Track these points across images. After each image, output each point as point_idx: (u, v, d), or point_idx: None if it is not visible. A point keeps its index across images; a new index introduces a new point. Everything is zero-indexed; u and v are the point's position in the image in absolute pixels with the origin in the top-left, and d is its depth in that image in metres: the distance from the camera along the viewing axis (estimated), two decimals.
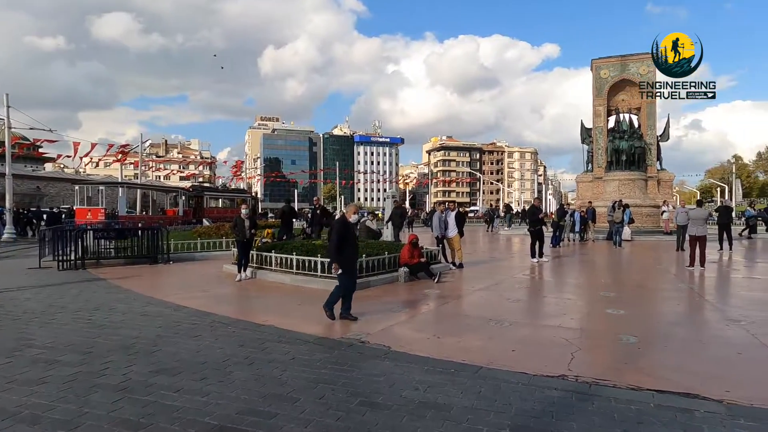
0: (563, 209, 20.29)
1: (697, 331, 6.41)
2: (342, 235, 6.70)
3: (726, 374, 4.67)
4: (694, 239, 11.72)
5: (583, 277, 11.61)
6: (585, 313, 7.32)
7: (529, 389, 4.26)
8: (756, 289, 9.40)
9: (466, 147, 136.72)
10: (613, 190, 26.20)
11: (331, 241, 6.91)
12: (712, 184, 73.51)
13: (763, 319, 6.86)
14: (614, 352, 5.42)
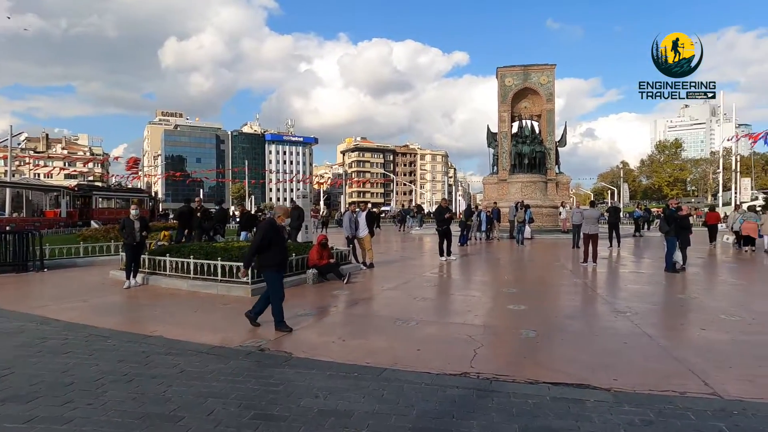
0: (470, 209, 21.19)
1: (589, 324, 6.85)
2: (269, 239, 6.29)
3: (614, 363, 5.00)
4: (588, 237, 12.72)
5: (488, 274, 12.10)
6: (488, 310, 7.56)
7: (431, 389, 4.22)
8: (640, 283, 10.38)
9: (380, 149, 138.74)
10: (517, 191, 27.88)
11: (253, 242, 6.50)
12: (604, 187, 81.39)
13: (646, 310, 7.53)
14: (514, 347, 5.60)
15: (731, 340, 5.92)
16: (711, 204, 40.54)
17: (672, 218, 11.55)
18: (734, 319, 6.99)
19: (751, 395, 4.17)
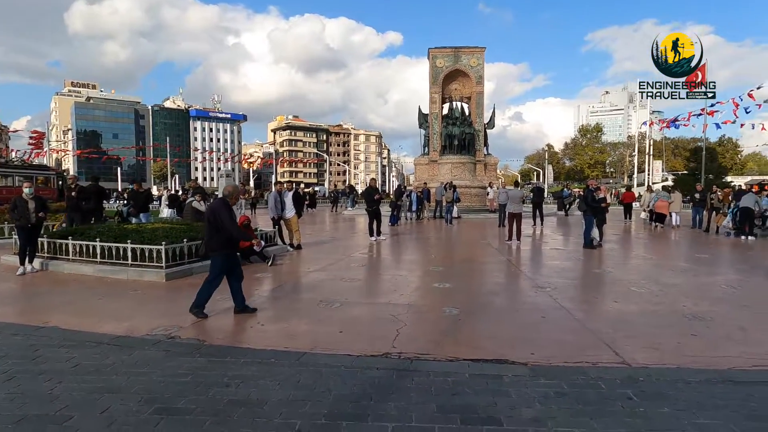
0: (401, 190, 21.31)
1: (511, 299, 7.05)
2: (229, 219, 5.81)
3: (532, 337, 5.13)
4: (512, 216, 13.16)
5: (416, 253, 12.20)
6: (414, 289, 7.57)
7: (351, 372, 4.09)
8: (560, 259, 10.88)
9: (313, 128, 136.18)
10: (447, 172, 28.41)
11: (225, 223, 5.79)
12: (530, 169, 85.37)
13: (564, 285, 7.87)
14: (437, 325, 5.61)
15: (640, 311, 6.31)
16: (627, 184, 43.66)
17: (589, 199, 12.20)
18: (643, 291, 7.47)
19: (656, 361, 4.43)
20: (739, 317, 6.21)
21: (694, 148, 44.78)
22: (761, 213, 15.43)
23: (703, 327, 5.58)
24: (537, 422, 3.24)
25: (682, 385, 3.90)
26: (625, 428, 3.17)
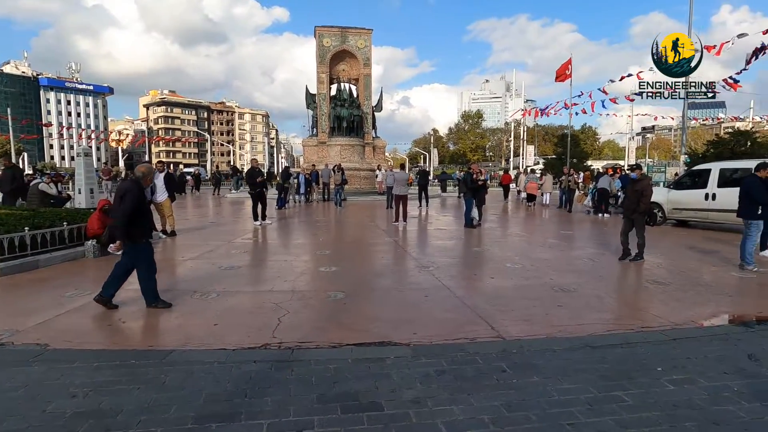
0: (288, 172, 20.72)
1: (396, 280, 7.14)
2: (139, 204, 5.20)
3: (415, 317, 5.22)
4: (398, 198, 13.45)
5: (303, 237, 11.94)
6: (299, 274, 7.34)
7: (225, 368, 3.79)
8: (442, 238, 11.34)
9: (193, 104, 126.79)
10: (336, 154, 28.26)
11: (124, 208, 5.11)
12: (417, 152, 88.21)
13: (446, 264, 8.18)
14: (322, 310, 5.47)
15: (514, 285, 6.76)
16: (505, 167, 47.19)
17: (469, 181, 12.92)
18: (517, 266, 8.04)
19: (527, 333, 4.74)
20: (597, 287, 6.94)
21: (561, 134, 49.73)
22: (614, 193, 17.60)
23: (567, 298, 6.13)
24: (417, 403, 3.25)
25: (550, 354, 4.21)
26: (499, 400, 3.31)
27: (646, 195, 8.36)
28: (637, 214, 8.39)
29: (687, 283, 6.98)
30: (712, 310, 5.68)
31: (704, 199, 12.46)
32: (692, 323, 5.15)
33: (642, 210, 8.36)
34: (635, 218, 8.42)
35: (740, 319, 5.35)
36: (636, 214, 8.40)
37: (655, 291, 6.56)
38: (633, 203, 8.45)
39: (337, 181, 20.20)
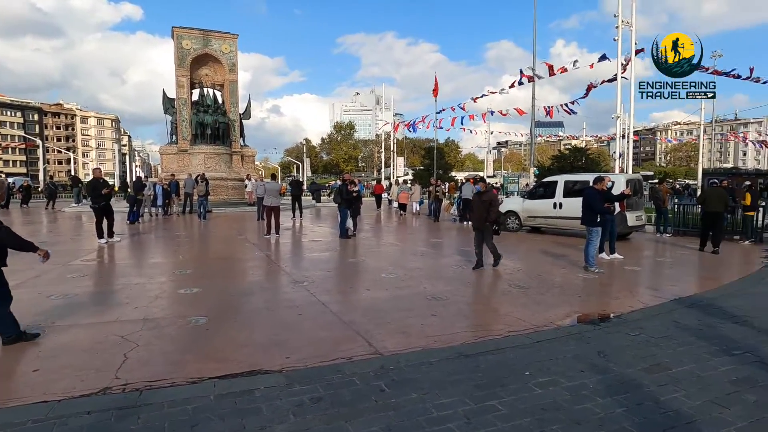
0: (141, 182, 18.76)
1: (267, 299, 6.70)
2: None
3: (287, 339, 4.88)
4: (270, 209, 12.89)
5: (160, 255, 10.80)
6: (153, 298, 6.50)
7: (45, 427, 3.09)
8: (317, 251, 11.08)
9: (17, 104, 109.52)
10: (200, 163, 26.46)
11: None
12: (290, 162, 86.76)
13: (321, 277, 7.93)
14: (180, 340, 4.86)
15: (390, 296, 6.76)
16: (377, 177, 48.49)
17: (344, 192, 12.89)
18: (392, 276, 8.09)
19: (405, 347, 4.69)
20: (466, 294, 7.25)
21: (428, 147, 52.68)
22: None
23: (440, 306, 6.28)
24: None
25: (427, 366, 4.19)
26: (378, 425, 3.15)
27: (494, 205, 8.76)
28: (486, 224, 8.67)
29: (543, 286, 7.61)
30: (567, 311, 6.22)
31: (553, 208, 13.93)
32: (552, 324, 5.57)
33: (491, 220, 8.68)
34: (485, 228, 8.69)
35: (588, 318, 5.93)
36: (486, 224, 8.67)
37: (518, 295, 7.04)
38: (482, 214, 8.68)
39: (200, 192, 18.81)
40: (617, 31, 18.25)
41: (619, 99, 19.66)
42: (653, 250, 12.15)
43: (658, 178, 30.91)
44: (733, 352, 4.67)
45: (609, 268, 9.20)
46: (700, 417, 3.39)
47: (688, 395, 3.72)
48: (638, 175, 18.66)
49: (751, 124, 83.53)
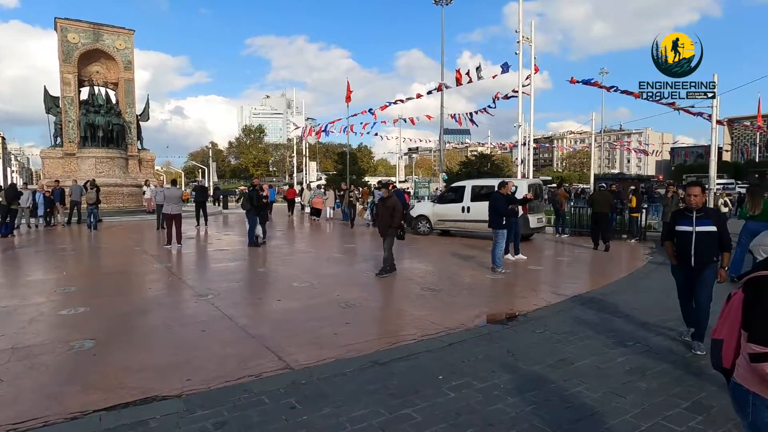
0: (15, 189, 16.66)
1: (166, 316, 6.17)
2: None
3: (188, 359, 4.51)
4: (170, 217, 12.05)
5: (40, 272, 9.62)
6: (26, 323, 5.69)
7: None
8: (224, 260, 10.51)
9: None
10: (90, 168, 24.20)
11: None
12: (195, 166, 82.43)
13: (228, 289, 7.50)
14: (59, 369, 4.29)
15: (302, 306, 6.54)
16: (289, 182, 47.56)
17: (254, 198, 12.41)
18: (304, 285, 7.86)
19: (317, 359, 4.52)
20: (380, 300, 7.24)
21: (341, 152, 52.63)
22: None
23: (353, 314, 6.18)
24: None
25: (341, 378, 4.06)
26: None
27: (398, 210, 8.61)
28: (390, 229, 8.60)
29: (454, 288, 7.81)
30: (477, 312, 6.40)
31: (461, 212, 14.45)
32: (463, 326, 5.68)
33: (396, 225, 8.66)
34: (389, 233, 8.62)
35: (496, 318, 6.14)
36: (390, 229, 8.60)
37: (430, 298, 7.14)
38: (386, 220, 8.61)
39: (90, 200, 17.13)
40: (518, 46, 19.49)
41: (520, 109, 20.97)
42: (553, 250, 12.99)
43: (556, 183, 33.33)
44: (627, 344, 5.05)
45: (514, 269, 9.67)
46: (601, 408, 3.60)
47: (590, 388, 3.94)
48: (538, 180, 19.99)
49: (633, 135, 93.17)
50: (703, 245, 4.75)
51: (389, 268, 8.66)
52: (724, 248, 4.79)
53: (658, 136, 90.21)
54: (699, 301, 4.90)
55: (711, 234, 4.74)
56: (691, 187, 4.97)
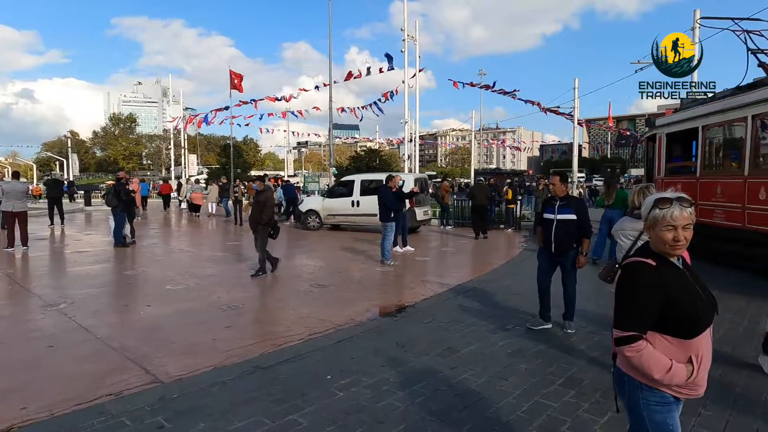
0: None
1: (3, 332, 5.23)
2: None
3: (28, 382, 3.82)
4: (12, 216, 10.37)
5: None
6: None
7: None
8: (84, 264, 9.28)
9: None
10: None
11: None
12: (50, 157, 73.08)
13: (86, 296, 6.60)
14: None
15: (176, 311, 5.95)
16: (165, 177, 44.09)
17: (122, 193, 11.14)
18: (180, 288, 7.20)
19: (192, 369, 4.09)
20: (264, 299, 6.86)
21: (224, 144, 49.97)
22: (278, 202, 18.60)
23: (236, 316, 5.76)
24: None
25: (219, 388, 3.70)
26: None
27: (268, 206, 8.18)
28: (260, 226, 8.10)
29: (344, 283, 7.68)
30: (366, 305, 6.33)
31: (351, 206, 14.40)
32: (352, 321, 5.55)
33: (265, 222, 8.11)
34: (259, 230, 8.12)
35: (386, 311, 6.11)
36: (260, 227, 8.11)
37: (319, 294, 6.92)
38: (256, 216, 8.15)
39: None
40: (404, 44, 19.94)
41: (406, 106, 21.52)
42: (439, 241, 13.47)
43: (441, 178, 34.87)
44: (507, 327, 5.29)
45: (402, 260, 9.81)
46: (486, 392, 3.67)
47: (476, 374, 4.02)
48: (424, 174, 20.69)
49: (508, 133, 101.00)
50: (562, 233, 5.01)
51: (264, 269, 8.13)
52: (583, 235, 5.06)
53: (530, 134, 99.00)
54: (564, 286, 5.21)
55: (571, 222, 5.01)
56: (551, 177, 5.44)
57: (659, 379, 1.74)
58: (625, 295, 1.81)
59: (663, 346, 1.77)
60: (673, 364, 1.73)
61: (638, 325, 1.75)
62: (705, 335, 1.80)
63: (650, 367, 1.73)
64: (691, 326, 1.76)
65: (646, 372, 1.75)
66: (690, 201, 1.81)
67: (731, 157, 8.79)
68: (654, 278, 1.75)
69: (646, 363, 1.73)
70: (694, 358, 1.76)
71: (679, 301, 1.74)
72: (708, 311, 1.80)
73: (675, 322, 1.75)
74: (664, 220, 1.77)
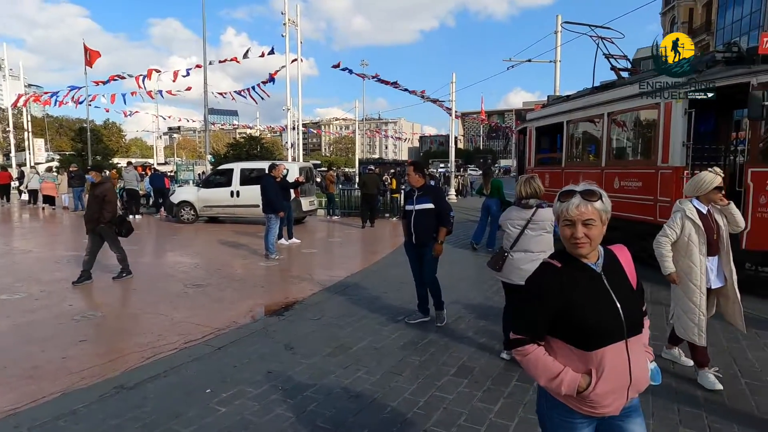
0: None
1: None
2: None
3: None
4: None
5: None
6: None
7: None
8: None
9: None
10: None
11: None
12: None
13: None
14: None
15: (12, 325, 5.01)
16: (3, 164, 38.02)
17: None
18: (19, 296, 6.12)
19: (33, 398, 3.41)
20: (130, 304, 6.09)
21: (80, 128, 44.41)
22: (146, 193, 16.98)
23: (92, 327, 5.01)
24: None
25: (69, 419, 3.10)
26: None
27: (108, 201, 6.98)
28: (101, 225, 6.94)
29: (224, 281, 7.10)
30: (250, 305, 5.87)
31: (230, 196, 13.53)
32: (234, 324, 5.10)
33: (107, 219, 6.97)
34: (101, 230, 6.97)
35: (272, 309, 5.73)
36: (101, 226, 6.95)
37: (195, 295, 6.31)
38: (95, 212, 6.93)
39: None
40: (284, 29, 19.20)
41: (288, 92, 20.84)
42: (326, 232, 13.22)
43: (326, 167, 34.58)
44: (397, 319, 5.22)
45: (288, 254, 9.42)
46: (381, 391, 3.53)
47: (370, 371, 3.87)
48: (309, 163, 20.22)
49: (390, 123, 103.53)
50: (420, 223, 4.96)
51: (128, 269, 7.20)
52: (441, 224, 4.99)
53: (410, 125, 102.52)
54: (423, 277, 5.11)
55: (429, 211, 4.95)
56: (407, 167, 5.36)
57: (544, 386, 1.64)
58: (523, 297, 1.73)
59: (563, 354, 1.64)
60: (563, 372, 1.59)
61: (527, 329, 1.65)
62: (616, 350, 1.59)
63: (536, 373, 1.63)
64: (589, 337, 1.58)
65: (534, 377, 1.67)
66: (598, 193, 1.61)
67: (590, 150, 9.72)
68: (553, 281, 1.61)
69: (533, 367, 1.63)
70: (594, 372, 1.58)
71: (579, 307, 1.58)
72: (617, 324, 1.60)
73: (574, 329, 1.60)
74: (561, 214, 1.61)
